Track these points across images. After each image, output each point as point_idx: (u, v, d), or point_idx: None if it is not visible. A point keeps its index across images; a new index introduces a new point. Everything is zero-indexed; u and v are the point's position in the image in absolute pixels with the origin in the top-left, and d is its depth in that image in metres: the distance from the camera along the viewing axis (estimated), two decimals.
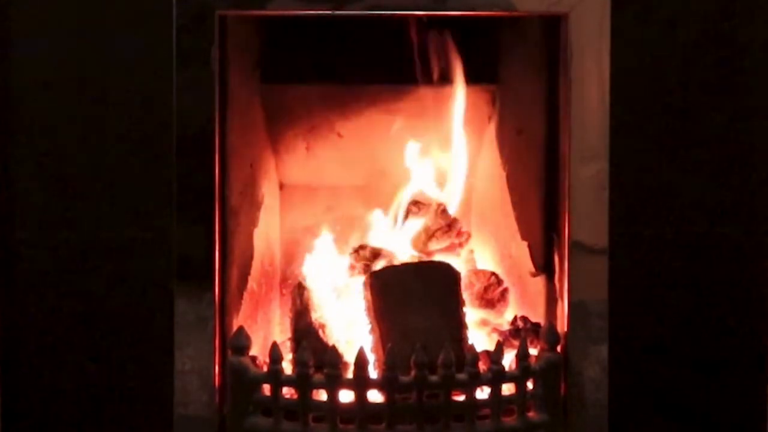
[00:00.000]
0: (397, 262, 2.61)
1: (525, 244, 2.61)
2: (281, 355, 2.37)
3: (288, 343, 2.59)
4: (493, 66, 2.73)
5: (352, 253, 2.64)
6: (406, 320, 2.45)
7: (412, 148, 2.75)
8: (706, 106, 2.46)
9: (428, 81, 2.70)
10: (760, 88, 2.47)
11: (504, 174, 2.70)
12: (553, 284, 2.49)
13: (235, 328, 2.41)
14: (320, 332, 2.55)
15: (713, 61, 2.45)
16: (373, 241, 2.69)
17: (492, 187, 2.75)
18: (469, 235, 2.75)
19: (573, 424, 2.43)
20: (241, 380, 2.36)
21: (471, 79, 2.72)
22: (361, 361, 2.33)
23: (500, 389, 2.37)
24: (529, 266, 2.59)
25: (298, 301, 2.59)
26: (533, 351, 2.43)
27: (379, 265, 2.59)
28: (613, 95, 2.41)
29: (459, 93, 2.70)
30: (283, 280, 2.77)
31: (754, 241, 2.49)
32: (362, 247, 2.65)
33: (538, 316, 2.56)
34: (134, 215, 2.40)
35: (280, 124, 2.77)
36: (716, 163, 2.47)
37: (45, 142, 2.40)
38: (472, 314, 2.57)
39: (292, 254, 2.80)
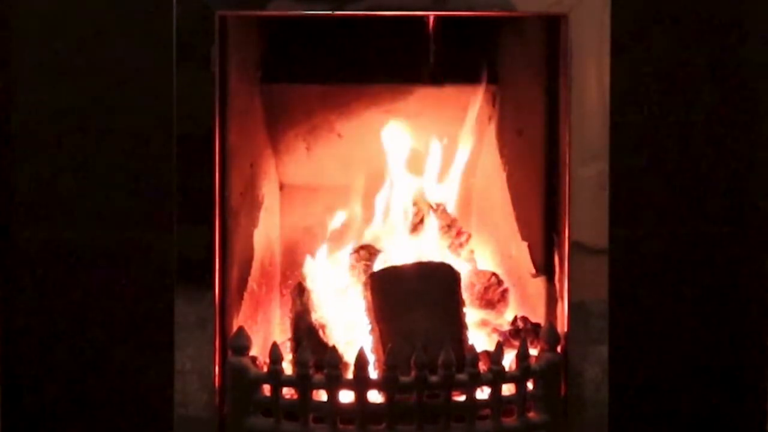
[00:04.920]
0: (397, 262, 2.61)
1: (525, 244, 2.61)
2: (281, 355, 2.37)
3: (288, 344, 2.59)
4: (493, 66, 2.73)
5: (352, 254, 2.64)
6: (406, 321, 2.45)
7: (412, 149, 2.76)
8: (706, 106, 2.46)
9: (428, 81, 2.70)
10: (761, 87, 2.47)
11: (504, 174, 2.70)
12: (553, 284, 2.49)
13: (235, 328, 2.41)
14: (320, 333, 2.55)
15: (714, 60, 2.45)
16: (373, 241, 2.69)
17: (492, 187, 2.75)
18: (469, 235, 2.75)
19: (573, 424, 2.43)
20: (241, 381, 2.36)
21: (471, 79, 2.72)
22: (361, 362, 2.33)
23: (500, 389, 2.37)
24: (529, 267, 2.59)
25: (298, 302, 2.59)
26: (533, 351, 2.43)
27: (379, 265, 2.59)
28: (613, 95, 2.41)
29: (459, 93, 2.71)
30: (283, 280, 2.77)
31: (754, 241, 2.49)
32: (362, 247, 2.65)
33: (538, 317, 2.56)
34: (134, 215, 2.40)
35: (280, 124, 2.77)
36: (716, 163, 2.47)
37: (44, 142, 2.40)
38: (472, 315, 2.57)
39: (292, 254, 2.80)
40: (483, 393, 2.38)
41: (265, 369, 2.38)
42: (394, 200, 2.75)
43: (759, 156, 2.48)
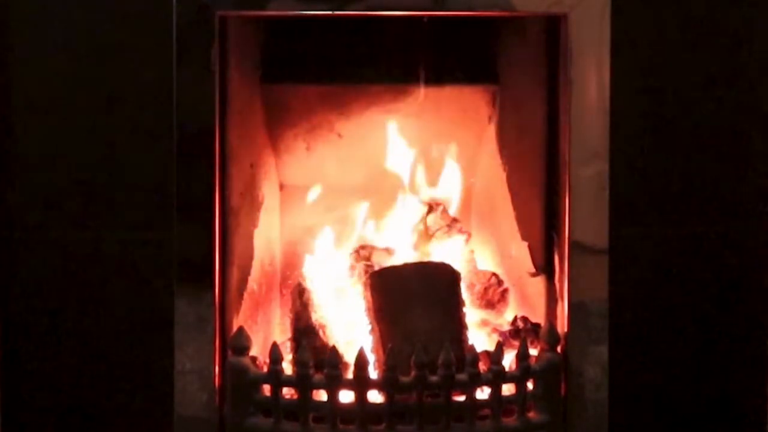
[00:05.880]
0: (397, 262, 2.61)
1: (525, 244, 2.61)
2: (281, 355, 2.37)
3: (288, 344, 2.59)
4: (493, 66, 2.73)
5: (352, 254, 2.64)
6: (406, 321, 2.45)
7: (412, 149, 2.76)
8: (706, 106, 2.46)
9: (428, 81, 2.70)
10: (761, 86, 2.47)
11: (504, 174, 2.70)
12: (553, 284, 2.49)
13: (235, 328, 2.41)
14: (320, 332, 2.55)
15: (714, 60, 2.46)
16: (373, 241, 2.69)
17: (492, 187, 2.75)
18: (469, 235, 2.75)
19: (573, 424, 2.43)
20: (241, 381, 2.36)
21: (471, 79, 2.72)
22: (361, 362, 2.33)
23: (500, 389, 2.37)
24: (529, 266, 2.59)
25: (298, 302, 2.59)
26: (533, 351, 2.43)
27: (379, 265, 2.59)
28: (613, 95, 2.41)
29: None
30: (283, 280, 2.77)
31: (754, 241, 2.49)
32: (362, 247, 2.65)
33: (538, 317, 2.56)
34: (134, 215, 2.40)
35: (280, 124, 2.77)
36: (716, 163, 2.47)
37: (45, 142, 2.40)
38: (472, 315, 2.57)
39: (292, 254, 2.80)
40: (483, 393, 2.38)
41: (265, 369, 2.38)
42: (396, 200, 2.76)
43: (759, 156, 2.48)
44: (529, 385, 2.40)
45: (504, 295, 2.68)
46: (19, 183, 2.40)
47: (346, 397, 2.35)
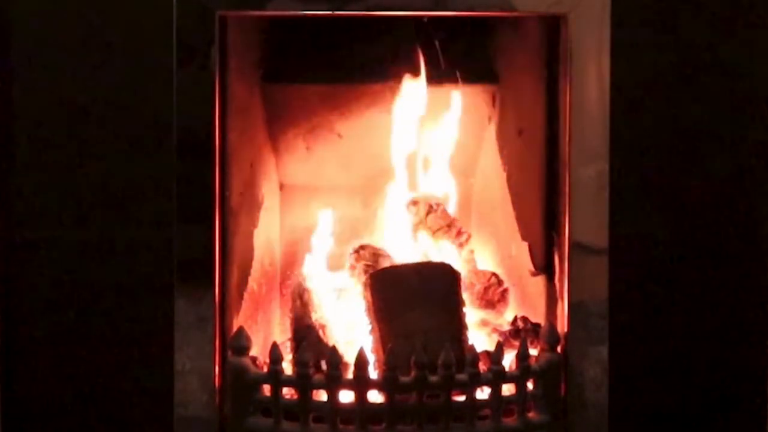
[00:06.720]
0: (397, 262, 2.61)
1: (525, 244, 2.61)
2: (281, 355, 2.37)
3: (288, 344, 2.59)
4: (493, 66, 2.73)
5: (352, 254, 2.64)
6: (406, 321, 2.45)
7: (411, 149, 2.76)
8: (706, 106, 2.46)
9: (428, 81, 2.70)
10: (761, 86, 2.47)
11: (504, 174, 2.70)
12: (553, 284, 2.49)
13: (235, 328, 2.41)
14: (320, 333, 2.55)
15: (714, 60, 2.45)
16: (374, 241, 2.69)
17: (492, 187, 2.76)
18: (469, 235, 2.75)
19: (573, 424, 2.43)
20: (241, 381, 2.36)
21: (471, 79, 2.72)
22: (361, 362, 2.33)
23: (500, 389, 2.37)
24: (529, 266, 2.59)
25: (299, 302, 2.59)
26: (533, 351, 2.43)
27: (379, 265, 2.58)
28: (613, 95, 2.41)
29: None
30: (283, 280, 2.77)
31: (755, 241, 2.49)
32: (362, 247, 2.65)
33: (538, 317, 2.56)
34: (134, 215, 2.40)
35: (280, 124, 2.77)
36: (716, 163, 2.47)
37: (45, 142, 2.40)
38: (472, 315, 2.57)
39: (292, 254, 2.80)
40: (483, 393, 2.38)
41: (265, 369, 2.38)
42: (395, 200, 2.75)
43: (760, 154, 2.48)
44: (529, 385, 2.40)
45: (504, 295, 2.68)
46: (19, 183, 2.40)
47: (346, 397, 2.35)
